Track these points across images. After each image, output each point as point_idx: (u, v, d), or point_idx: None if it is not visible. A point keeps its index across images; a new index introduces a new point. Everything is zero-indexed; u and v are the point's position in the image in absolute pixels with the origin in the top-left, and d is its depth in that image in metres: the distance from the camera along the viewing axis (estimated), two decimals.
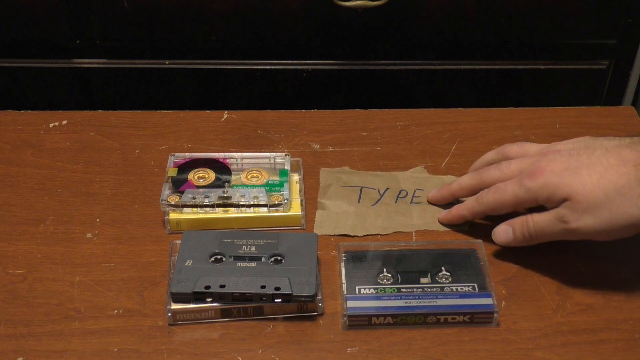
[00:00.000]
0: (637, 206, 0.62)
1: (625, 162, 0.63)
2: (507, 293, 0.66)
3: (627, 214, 0.62)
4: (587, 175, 0.63)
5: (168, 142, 0.81)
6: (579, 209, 0.63)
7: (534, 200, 0.66)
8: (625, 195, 0.62)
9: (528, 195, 0.66)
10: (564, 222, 0.64)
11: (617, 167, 0.63)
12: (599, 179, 0.63)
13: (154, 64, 1.09)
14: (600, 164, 0.64)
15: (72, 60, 1.08)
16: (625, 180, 0.62)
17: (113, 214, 0.73)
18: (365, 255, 0.68)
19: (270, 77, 1.10)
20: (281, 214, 0.72)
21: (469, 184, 0.72)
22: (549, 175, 0.65)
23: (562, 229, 0.64)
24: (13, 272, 0.68)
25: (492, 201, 0.68)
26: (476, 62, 1.11)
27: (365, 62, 1.10)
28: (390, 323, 0.63)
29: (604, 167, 0.63)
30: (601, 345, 0.62)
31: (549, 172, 0.65)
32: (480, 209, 0.69)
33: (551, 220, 0.65)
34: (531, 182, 0.65)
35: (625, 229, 0.63)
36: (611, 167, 0.63)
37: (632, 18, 1.08)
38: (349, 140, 0.82)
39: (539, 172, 0.65)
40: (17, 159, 0.79)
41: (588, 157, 0.65)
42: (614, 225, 0.63)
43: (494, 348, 0.62)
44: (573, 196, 0.63)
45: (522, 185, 0.66)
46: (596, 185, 0.63)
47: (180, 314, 0.63)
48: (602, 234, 0.64)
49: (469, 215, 0.71)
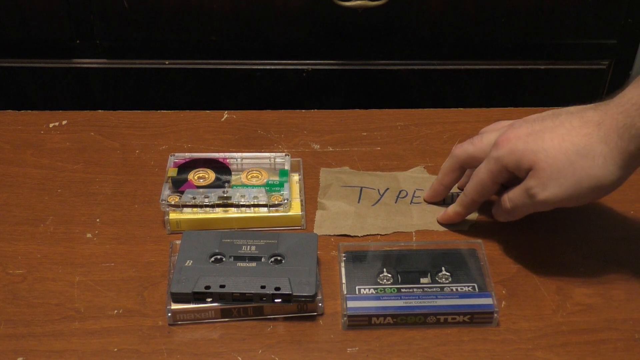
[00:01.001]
0: (600, 166, 0.61)
1: (588, 123, 0.62)
2: (507, 293, 0.66)
3: (591, 176, 0.61)
4: (549, 139, 0.63)
5: (168, 142, 0.81)
6: (544, 178, 0.62)
7: (505, 169, 0.65)
8: (587, 156, 0.61)
9: (498, 166, 0.65)
10: (532, 195, 0.63)
11: (579, 128, 0.62)
12: (561, 142, 0.62)
13: (154, 64, 1.09)
14: (562, 126, 0.63)
15: (72, 60, 1.08)
16: (587, 141, 0.62)
17: (113, 214, 0.73)
18: (365, 256, 0.68)
19: (270, 77, 1.10)
20: (281, 214, 0.72)
21: (448, 165, 0.72)
22: (513, 141, 0.64)
23: (532, 202, 0.64)
24: (13, 272, 0.68)
25: (473, 185, 0.68)
26: (476, 62, 1.11)
27: (365, 62, 1.10)
28: (390, 323, 0.63)
29: (567, 129, 0.63)
30: (601, 345, 0.62)
31: (514, 138, 0.64)
32: (467, 198, 0.70)
33: (522, 195, 0.65)
34: (498, 152, 0.65)
35: (592, 192, 0.62)
36: (573, 129, 0.62)
37: (632, 18, 1.08)
38: (349, 140, 0.82)
39: (504, 140, 0.65)
40: (17, 159, 0.79)
41: (552, 121, 0.64)
42: (580, 189, 0.62)
43: (494, 348, 0.62)
44: (537, 163, 0.63)
45: (491, 158, 0.66)
46: (558, 149, 0.62)
47: (180, 314, 0.63)
48: (570, 200, 0.63)
49: (462, 208, 0.71)
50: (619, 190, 0.75)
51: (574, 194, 0.62)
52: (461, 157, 0.70)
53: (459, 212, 0.71)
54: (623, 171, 0.62)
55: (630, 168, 0.62)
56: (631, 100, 0.61)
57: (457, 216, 0.72)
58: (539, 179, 0.63)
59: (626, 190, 0.75)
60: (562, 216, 0.73)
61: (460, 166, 0.71)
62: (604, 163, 0.61)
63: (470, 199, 0.69)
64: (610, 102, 0.63)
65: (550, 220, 0.73)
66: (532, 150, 0.63)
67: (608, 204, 0.74)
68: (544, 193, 0.63)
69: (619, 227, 0.72)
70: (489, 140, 0.68)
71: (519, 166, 0.64)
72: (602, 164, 0.61)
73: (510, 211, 0.67)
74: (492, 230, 0.72)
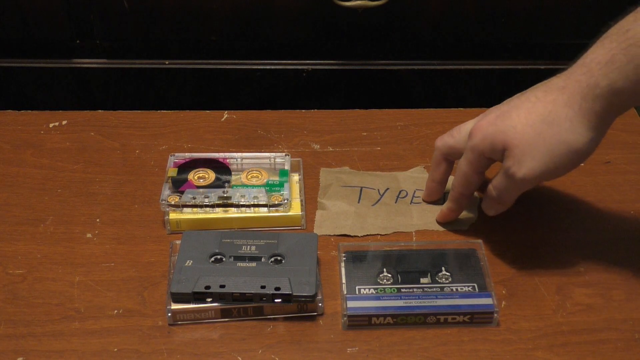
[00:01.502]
0: (568, 130, 0.60)
1: (551, 90, 0.62)
2: (507, 293, 0.66)
3: (561, 142, 0.61)
4: (516, 116, 0.62)
5: (168, 142, 0.81)
6: (517, 155, 0.62)
7: (482, 156, 0.65)
8: (554, 122, 0.61)
9: (475, 154, 0.65)
10: (511, 175, 0.63)
11: (543, 97, 0.62)
12: (528, 116, 0.62)
13: (154, 64, 1.09)
14: (528, 100, 0.63)
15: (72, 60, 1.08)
16: (552, 108, 0.61)
17: (113, 214, 0.73)
18: (365, 256, 0.68)
19: (270, 77, 1.10)
20: (281, 214, 0.72)
21: (433, 159, 0.72)
22: (485, 127, 0.64)
23: (513, 183, 0.64)
24: (13, 272, 0.68)
25: (458, 179, 0.68)
26: (476, 62, 1.11)
27: (365, 62, 1.10)
28: (390, 323, 0.63)
29: (532, 103, 0.62)
30: (601, 345, 0.62)
31: (485, 124, 0.64)
32: (455, 192, 0.70)
33: (503, 178, 0.65)
34: (473, 141, 0.65)
35: (567, 158, 0.61)
36: (538, 100, 0.62)
37: None
38: (349, 140, 0.82)
39: (477, 128, 0.65)
40: (17, 159, 0.79)
41: (518, 99, 0.64)
42: (554, 157, 0.61)
43: (494, 348, 0.62)
44: (508, 142, 0.62)
45: (468, 149, 0.66)
46: (525, 123, 0.62)
47: (180, 314, 0.63)
48: (549, 171, 0.62)
49: (453, 203, 0.71)
50: (619, 190, 0.75)
51: (550, 164, 0.61)
52: (442, 149, 0.71)
53: (451, 207, 0.71)
54: (593, 132, 0.61)
55: (600, 129, 0.61)
56: (595, 60, 0.60)
57: (451, 212, 0.71)
58: (514, 157, 0.62)
59: (626, 190, 0.76)
60: (562, 216, 0.73)
61: (444, 158, 0.71)
62: (571, 126, 0.60)
63: (458, 193, 0.69)
64: (574, 66, 0.62)
65: (550, 220, 0.73)
66: (502, 131, 0.63)
67: (608, 204, 0.74)
68: (521, 170, 0.62)
69: (619, 227, 0.72)
70: (466, 130, 0.68)
71: (494, 149, 0.64)
72: (570, 128, 0.60)
73: (497, 199, 0.67)
74: (492, 230, 0.72)
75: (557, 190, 0.76)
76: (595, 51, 0.60)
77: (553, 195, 0.75)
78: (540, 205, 0.74)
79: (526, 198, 0.74)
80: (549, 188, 0.76)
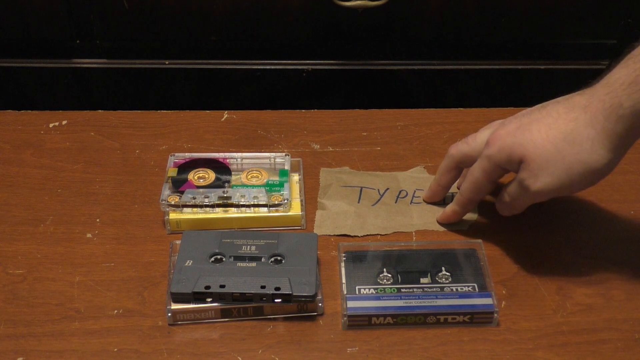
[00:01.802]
0: (588, 151, 0.60)
1: (574, 108, 0.62)
2: (507, 293, 0.66)
3: (580, 161, 0.61)
4: (536, 130, 0.62)
5: (168, 142, 0.81)
6: (534, 169, 0.62)
7: (497, 166, 0.65)
8: (575, 141, 0.61)
9: (491, 164, 0.65)
10: (525, 187, 0.63)
11: (565, 114, 0.62)
12: (548, 131, 0.62)
13: (154, 64, 1.09)
14: (549, 115, 0.63)
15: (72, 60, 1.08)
16: (574, 126, 0.61)
17: (113, 214, 0.73)
18: (365, 256, 0.68)
19: (270, 77, 1.10)
20: (281, 214, 0.72)
21: (444, 165, 0.72)
22: (503, 137, 0.64)
23: (527, 194, 0.64)
24: (13, 272, 0.68)
25: (469, 184, 0.68)
26: (476, 62, 1.11)
27: (365, 62, 1.10)
28: (390, 323, 0.63)
29: (553, 118, 0.62)
30: (601, 345, 0.62)
31: (504, 135, 0.64)
32: (463, 197, 0.70)
33: (517, 188, 0.65)
34: (489, 150, 0.65)
35: (584, 177, 0.61)
36: (560, 117, 0.62)
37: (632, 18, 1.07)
38: (349, 140, 0.82)
39: (495, 138, 0.65)
40: (17, 159, 0.79)
41: (539, 112, 0.64)
42: (571, 176, 0.61)
43: (494, 348, 0.62)
44: (526, 155, 0.62)
45: (484, 157, 0.66)
46: (545, 139, 0.62)
47: (180, 314, 0.63)
48: (564, 187, 0.62)
49: (459, 207, 0.71)
50: (619, 190, 0.75)
51: (566, 181, 0.62)
52: (457, 156, 0.70)
53: (456, 211, 0.71)
54: (613, 154, 0.61)
55: (621, 150, 0.61)
56: (619, 80, 0.60)
57: (455, 215, 0.72)
58: (530, 170, 0.63)
59: (626, 190, 0.76)
60: (562, 216, 0.73)
61: (456, 166, 0.71)
62: (592, 147, 0.60)
63: (466, 198, 0.69)
64: (596, 85, 0.62)
65: (550, 220, 0.73)
66: (521, 144, 0.63)
67: (608, 204, 0.74)
68: (536, 184, 0.63)
69: (619, 227, 0.72)
70: (482, 139, 0.68)
71: (510, 161, 0.64)
72: (590, 148, 0.60)
73: (510, 205, 0.67)
74: (492, 230, 0.72)
75: None
76: (620, 71, 0.60)
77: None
78: (540, 206, 0.74)
79: None
80: None
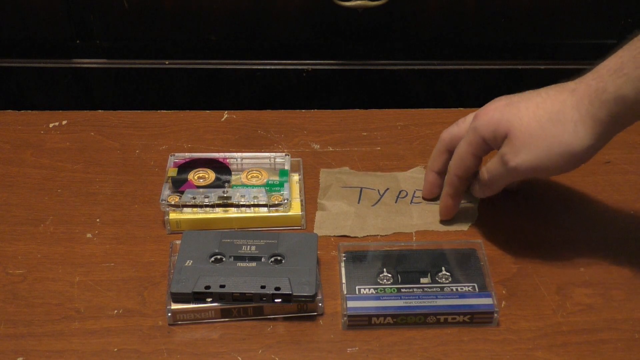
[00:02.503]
0: (570, 133, 0.61)
1: (563, 90, 0.63)
2: (507, 293, 0.66)
3: (561, 142, 0.61)
4: (524, 107, 0.63)
5: (168, 142, 0.81)
6: (516, 145, 0.63)
7: (482, 139, 0.65)
8: (559, 122, 0.61)
9: (476, 136, 0.66)
10: (505, 162, 0.64)
11: (554, 96, 0.62)
12: (535, 110, 0.62)
13: (154, 64, 1.09)
14: (539, 95, 0.63)
15: (72, 60, 1.08)
16: (560, 107, 0.62)
17: (113, 214, 0.73)
18: (365, 256, 0.68)
19: (270, 77, 1.10)
20: (281, 214, 0.72)
21: (435, 150, 0.72)
22: (491, 112, 0.65)
23: (506, 170, 0.64)
24: (13, 272, 0.68)
25: (454, 160, 0.69)
26: (476, 62, 1.11)
27: (365, 62, 1.10)
28: (390, 323, 0.63)
29: (542, 98, 0.63)
30: (601, 345, 0.62)
31: (492, 109, 0.65)
32: (450, 175, 0.70)
33: (497, 163, 0.65)
34: (476, 122, 0.66)
35: (563, 159, 0.62)
36: (549, 97, 0.63)
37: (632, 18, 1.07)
38: (349, 140, 0.82)
39: (483, 112, 0.66)
40: (17, 159, 0.79)
41: (530, 93, 0.64)
42: (551, 155, 0.62)
43: (494, 348, 0.62)
44: (511, 131, 0.63)
45: (470, 129, 0.66)
46: (532, 117, 0.62)
47: (180, 314, 0.63)
48: (542, 166, 0.63)
49: (452, 189, 0.70)
50: (619, 190, 0.75)
51: (545, 160, 0.62)
52: (446, 139, 0.71)
53: (447, 192, 0.71)
54: (594, 140, 0.61)
55: (602, 137, 0.61)
56: (606, 67, 0.61)
57: (447, 197, 0.71)
58: (512, 145, 0.63)
59: (626, 190, 0.76)
60: (562, 216, 0.73)
61: (446, 149, 0.71)
62: (575, 129, 0.61)
63: (453, 174, 0.69)
64: (588, 71, 0.63)
65: (550, 220, 0.73)
66: (507, 119, 0.63)
67: (608, 204, 0.74)
68: (515, 159, 0.63)
69: (619, 227, 0.72)
70: (470, 118, 0.68)
71: (495, 135, 0.64)
72: (573, 131, 0.61)
73: (487, 182, 0.67)
74: (492, 230, 0.72)
75: (557, 190, 0.76)
76: (610, 59, 0.61)
77: (553, 196, 0.75)
78: (540, 206, 0.74)
79: (526, 198, 0.74)
80: (549, 188, 0.76)
